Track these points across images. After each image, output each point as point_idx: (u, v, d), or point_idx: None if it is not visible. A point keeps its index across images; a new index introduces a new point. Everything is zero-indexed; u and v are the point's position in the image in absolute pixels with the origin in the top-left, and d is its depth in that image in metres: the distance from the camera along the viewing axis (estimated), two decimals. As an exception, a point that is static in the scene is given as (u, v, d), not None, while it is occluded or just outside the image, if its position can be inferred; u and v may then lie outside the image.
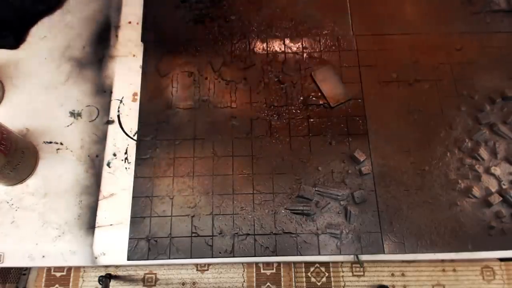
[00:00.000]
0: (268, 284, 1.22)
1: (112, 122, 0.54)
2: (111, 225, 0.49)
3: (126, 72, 0.57)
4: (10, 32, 0.58)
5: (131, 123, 0.54)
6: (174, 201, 0.50)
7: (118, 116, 0.55)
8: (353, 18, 0.60)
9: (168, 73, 0.56)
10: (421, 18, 0.60)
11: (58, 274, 1.25)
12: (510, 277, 1.25)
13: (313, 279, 1.23)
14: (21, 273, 1.20)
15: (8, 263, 0.49)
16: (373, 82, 0.56)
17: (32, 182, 0.52)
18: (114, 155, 0.52)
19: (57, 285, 1.23)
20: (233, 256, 0.48)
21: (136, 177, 0.51)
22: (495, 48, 0.58)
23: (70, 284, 1.23)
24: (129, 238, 0.48)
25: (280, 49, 0.58)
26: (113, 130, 0.54)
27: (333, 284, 1.23)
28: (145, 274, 1.23)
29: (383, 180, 0.51)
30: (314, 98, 0.55)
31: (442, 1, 0.61)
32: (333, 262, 1.25)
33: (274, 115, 0.54)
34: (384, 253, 0.48)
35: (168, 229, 0.48)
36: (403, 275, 1.24)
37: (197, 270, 1.23)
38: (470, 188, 0.51)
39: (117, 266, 1.19)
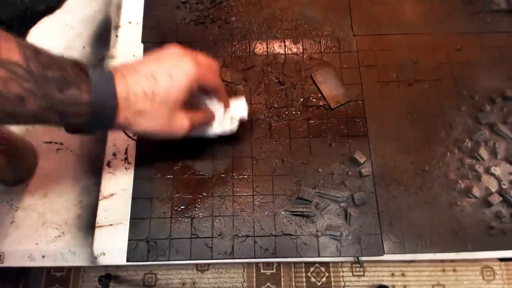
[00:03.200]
0: (268, 284, 1.23)
1: (112, 122, 0.54)
2: (111, 225, 0.49)
3: (126, 72, 0.57)
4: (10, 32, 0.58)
5: (131, 123, 0.54)
6: (174, 202, 0.50)
7: (118, 117, 0.54)
8: (353, 18, 0.59)
9: (168, 74, 0.56)
10: (421, 18, 0.60)
11: (58, 274, 1.25)
12: (510, 277, 1.26)
13: (313, 279, 1.23)
14: (21, 273, 1.20)
15: (8, 263, 0.49)
16: (373, 82, 0.56)
17: (32, 182, 0.52)
18: (114, 155, 0.52)
19: (57, 285, 1.23)
20: (233, 258, 0.48)
21: (135, 178, 0.51)
22: (495, 48, 0.58)
23: (70, 284, 1.23)
24: (129, 240, 0.48)
25: (280, 50, 0.58)
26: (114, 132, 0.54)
27: (333, 284, 1.23)
28: (145, 274, 1.23)
29: (383, 180, 0.51)
30: (314, 100, 0.55)
31: (442, 1, 0.61)
32: (333, 262, 1.25)
33: (274, 116, 0.54)
34: (384, 254, 0.48)
35: (167, 230, 0.48)
36: (403, 275, 1.24)
37: (197, 270, 1.24)
38: (470, 188, 0.51)
39: (117, 266, 1.19)
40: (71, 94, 0.32)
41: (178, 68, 0.38)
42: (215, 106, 0.46)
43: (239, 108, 0.48)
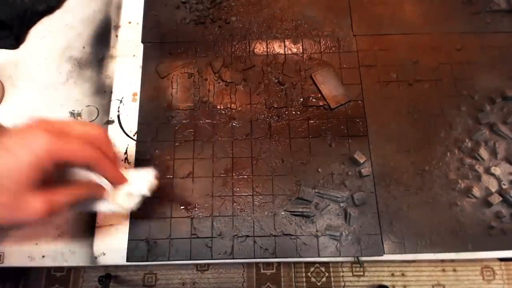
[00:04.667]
0: (268, 284, 1.23)
1: (112, 122, 0.54)
2: (111, 225, 0.49)
3: (126, 72, 0.57)
4: (10, 32, 0.58)
5: (131, 123, 0.54)
6: (174, 202, 0.50)
7: (118, 116, 0.55)
8: (353, 18, 0.59)
9: (168, 74, 0.56)
10: (421, 18, 0.60)
11: (58, 274, 1.25)
12: (510, 277, 1.26)
13: (313, 279, 1.23)
14: (21, 273, 1.20)
15: (8, 263, 0.49)
16: (373, 82, 0.56)
17: (32, 183, 0.52)
18: (114, 155, 0.52)
19: (57, 285, 1.23)
20: (233, 258, 0.48)
21: (136, 178, 0.51)
22: (495, 48, 0.58)
23: (70, 284, 1.23)
24: (129, 240, 0.48)
25: (280, 50, 0.58)
26: (113, 130, 0.54)
27: (333, 284, 1.23)
28: (145, 274, 1.23)
29: (383, 180, 0.51)
30: (314, 100, 0.55)
31: (442, 1, 0.61)
32: (333, 262, 1.25)
33: (274, 117, 0.54)
34: (384, 254, 0.48)
35: (167, 230, 0.48)
36: (403, 275, 1.24)
37: (197, 270, 1.24)
38: (470, 188, 0.51)
39: (117, 266, 1.19)
40: None
41: (23, 142, 0.31)
42: (103, 180, 0.38)
43: (139, 182, 0.41)
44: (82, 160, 0.34)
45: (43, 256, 0.49)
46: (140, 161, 0.52)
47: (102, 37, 0.59)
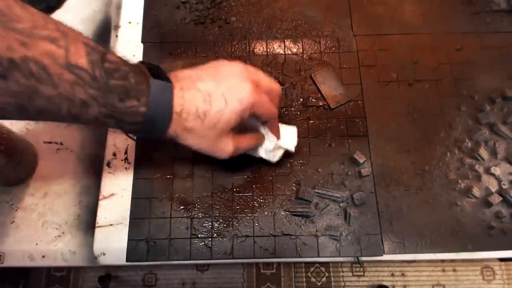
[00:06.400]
0: (268, 284, 1.23)
1: (112, 122, 0.54)
2: (111, 225, 0.49)
3: (126, 72, 0.57)
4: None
5: (131, 123, 0.54)
6: (174, 202, 0.50)
7: (118, 117, 0.54)
8: (353, 18, 0.59)
9: (167, 74, 0.56)
10: (421, 18, 0.60)
11: (58, 274, 1.25)
12: (510, 277, 1.26)
13: (313, 279, 1.23)
14: (21, 273, 1.20)
15: (8, 263, 0.49)
16: (373, 82, 0.56)
17: (32, 182, 0.52)
18: (114, 155, 0.52)
19: (57, 285, 1.24)
20: (233, 258, 0.48)
21: (135, 178, 0.51)
22: (495, 48, 0.58)
23: (70, 284, 1.23)
24: (129, 240, 0.48)
25: (280, 50, 0.58)
26: (113, 130, 0.54)
27: (333, 284, 1.23)
28: (145, 274, 1.24)
29: (383, 180, 0.51)
30: (314, 100, 0.55)
31: (442, 1, 0.61)
32: (333, 262, 1.25)
33: (274, 116, 0.54)
34: (383, 254, 0.48)
35: (167, 230, 0.48)
36: (403, 275, 1.24)
37: (197, 270, 1.24)
38: (470, 188, 0.51)
39: (117, 266, 1.19)
40: (130, 105, 0.33)
41: (234, 92, 0.37)
42: (267, 133, 0.46)
43: (289, 139, 0.48)
44: (267, 115, 0.41)
45: (43, 256, 0.49)
46: (140, 161, 0.52)
47: (102, 37, 0.59)
